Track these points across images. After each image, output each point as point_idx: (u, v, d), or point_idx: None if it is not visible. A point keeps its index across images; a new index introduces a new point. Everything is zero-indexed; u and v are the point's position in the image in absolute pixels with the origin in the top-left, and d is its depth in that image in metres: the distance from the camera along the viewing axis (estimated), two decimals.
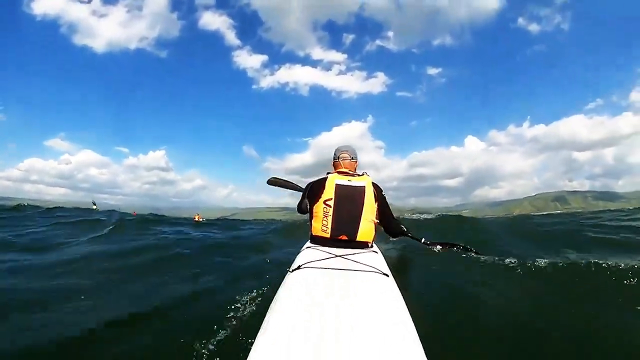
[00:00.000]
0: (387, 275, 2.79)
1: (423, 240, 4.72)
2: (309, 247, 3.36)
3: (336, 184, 3.43)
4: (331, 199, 3.38)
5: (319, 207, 3.43)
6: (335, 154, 3.89)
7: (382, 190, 3.62)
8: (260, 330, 1.94)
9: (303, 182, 4.12)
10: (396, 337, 1.89)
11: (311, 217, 3.55)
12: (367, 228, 3.40)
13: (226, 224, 15.80)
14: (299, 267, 2.79)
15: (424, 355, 1.78)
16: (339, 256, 3.02)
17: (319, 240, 3.40)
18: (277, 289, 2.60)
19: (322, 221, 3.36)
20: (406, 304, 2.35)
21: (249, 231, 13.02)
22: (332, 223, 3.33)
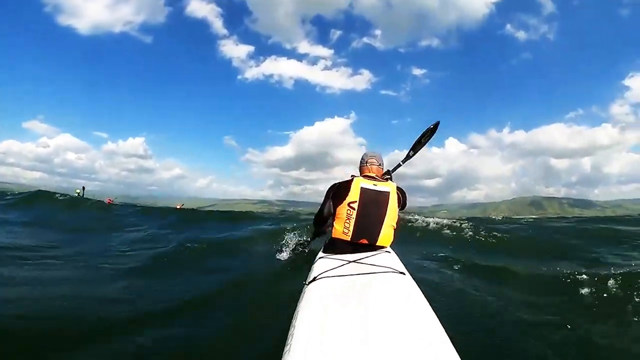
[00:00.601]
0: (404, 274, 2.80)
1: (403, 159, 4.95)
2: (322, 257, 3.35)
3: (361, 187, 3.41)
4: (355, 201, 3.36)
5: (342, 209, 3.42)
6: (363, 159, 3.89)
7: (405, 193, 3.76)
8: (285, 349, 1.88)
9: (283, 176, 3.84)
10: (427, 337, 1.90)
11: (333, 219, 3.57)
12: (387, 233, 3.42)
13: (208, 219, 15.40)
14: (314, 279, 2.74)
15: (456, 353, 1.77)
16: (353, 261, 3.01)
17: (336, 244, 3.41)
18: (291, 302, 2.62)
19: (344, 223, 3.37)
20: (427, 301, 2.34)
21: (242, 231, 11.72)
22: (354, 226, 3.33)
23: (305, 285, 2.74)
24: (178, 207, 47.66)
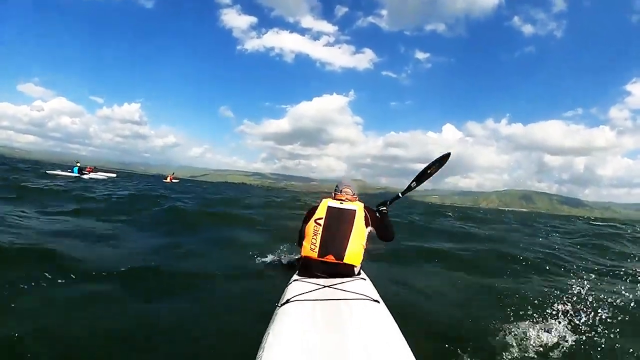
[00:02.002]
0: (378, 302, 2.75)
1: (403, 191, 4.54)
2: (296, 279, 3.30)
3: (328, 206, 3.57)
4: (322, 217, 3.48)
5: (310, 227, 3.51)
6: (337, 187, 3.96)
7: (375, 210, 3.88)
8: None
9: (277, 149, 3.80)
10: None
11: (302, 238, 3.62)
12: (354, 250, 3.40)
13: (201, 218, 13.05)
14: (287, 301, 2.69)
15: None
16: (328, 286, 2.98)
17: (307, 264, 3.42)
18: (261, 323, 2.53)
19: (311, 239, 3.42)
20: (400, 329, 2.31)
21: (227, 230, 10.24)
22: (320, 241, 3.38)
23: (278, 307, 2.70)
24: (169, 179, 46.77)
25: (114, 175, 35.72)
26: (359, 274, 3.48)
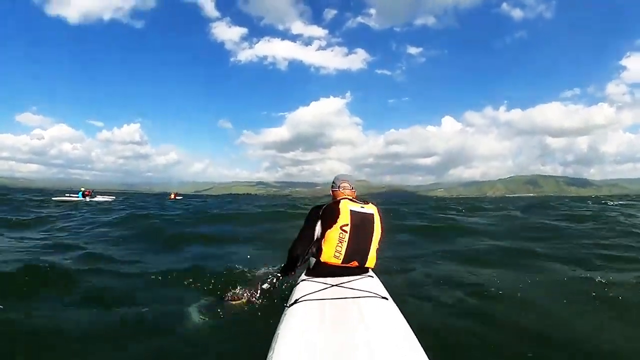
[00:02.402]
0: (387, 299, 2.75)
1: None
2: (304, 279, 3.25)
3: (351, 210, 3.33)
4: (347, 224, 3.27)
5: (334, 232, 3.29)
6: (335, 183, 3.79)
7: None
8: None
9: (279, 157, 3.67)
10: None
11: (320, 243, 3.36)
12: (374, 255, 3.38)
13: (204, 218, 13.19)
14: (296, 302, 2.67)
15: None
16: (336, 285, 2.96)
17: (323, 268, 3.30)
18: (271, 324, 2.51)
19: (335, 247, 3.25)
20: (410, 326, 2.29)
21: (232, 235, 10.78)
22: (347, 249, 3.23)
23: (287, 308, 2.68)
24: (172, 197, 47.74)
25: (112, 198, 36.65)
26: (367, 271, 3.43)
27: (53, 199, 30.78)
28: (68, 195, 32.66)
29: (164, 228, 10.94)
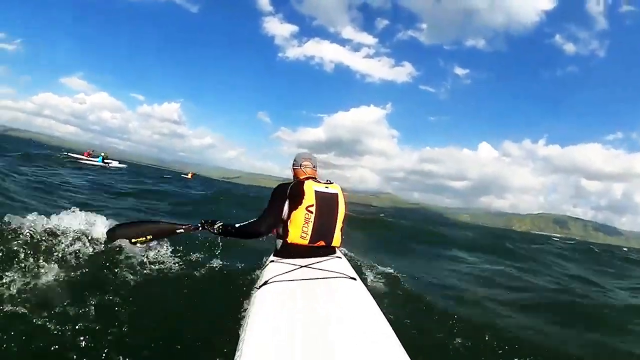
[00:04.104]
0: (355, 279, 2.87)
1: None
2: (273, 260, 3.32)
3: (316, 191, 3.39)
4: (313, 205, 3.33)
5: (299, 213, 3.34)
6: (296, 161, 3.85)
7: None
8: (236, 354, 1.88)
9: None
10: (377, 340, 2.00)
11: (286, 224, 3.40)
12: (339, 234, 3.49)
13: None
14: (265, 283, 2.73)
15: (406, 355, 1.88)
16: (305, 266, 3.04)
17: (291, 248, 3.34)
18: (241, 306, 2.68)
19: (302, 227, 3.31)
20: (377, 305, 2.43)
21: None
22: (312, 230, 3.32)
23: (256, 290, 2.75)
24: (189, 176, 49.87)
25: (125, 165, 37.36)
26: (334, 252, 3.53)
27: (69, 154, 31.71)
28: (85, 158, 32.35)
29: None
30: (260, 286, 2.73)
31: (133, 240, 3.80)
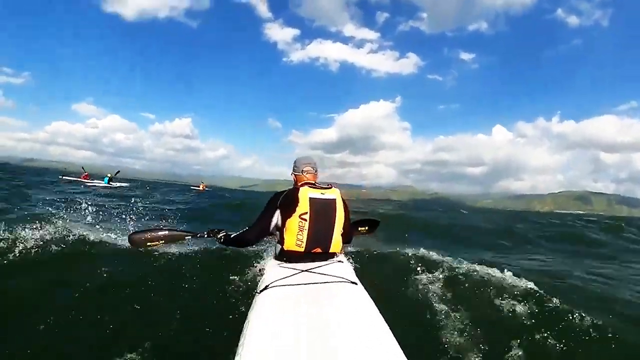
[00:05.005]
0: (356, 284, 2.83)
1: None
2: (274, 265, 3.29)
3: (310, 197, 3.32)
4: (306, 212, 3.27)
5: (293, 221, 3.29)
6: (297, 166, 3.80)
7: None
8: (236, 358, 1.87)
9: (326, 158, 3.60)
10: (378, 346, 1.98)
11: (282, 232, 3.40)
12: (338, 240, 3.41)
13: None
14: (266, 287, 2.71)
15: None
16: (306, 270, 3.00)
17: (288, 255, 3.32)
18: (242, 310, 2.71)
19: (296, 235, 3.27)
20: (379, 310, 2.39)
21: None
22: (307, 237, 3.26)
23: (257, 294, 2.73)
24: (201, 188, 47.61)
25: (127, 184, 37.08)
26: (335, 256, 3.46)
27: (62, 177, 32.02)
28: (86, 181, 31.93)
29: None
30: (261, 290, 2.73)
31: (148, 244, 3.97)
